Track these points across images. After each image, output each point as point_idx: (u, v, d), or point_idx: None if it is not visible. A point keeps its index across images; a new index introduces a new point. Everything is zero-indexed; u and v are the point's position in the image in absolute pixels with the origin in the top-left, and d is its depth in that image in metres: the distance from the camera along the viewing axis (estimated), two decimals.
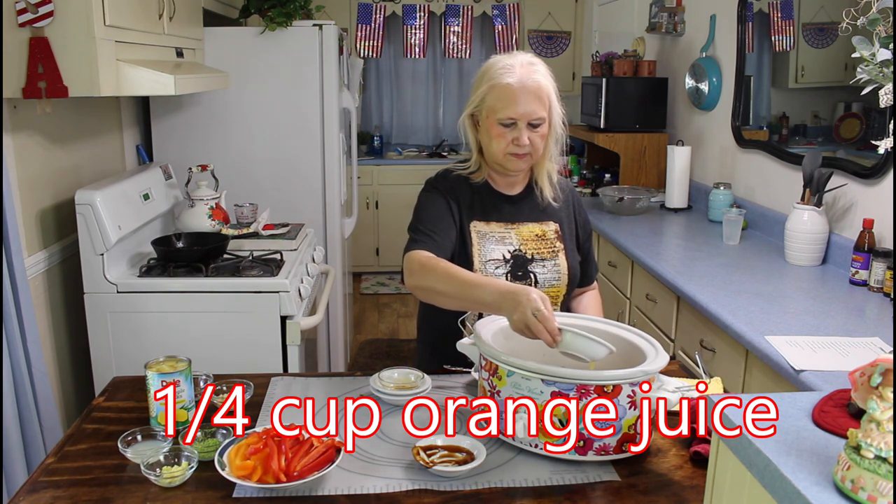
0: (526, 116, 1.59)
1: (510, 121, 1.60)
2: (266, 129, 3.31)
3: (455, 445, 1.32)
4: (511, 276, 1.66)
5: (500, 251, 1.67)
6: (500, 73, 1.61)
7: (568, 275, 1.71)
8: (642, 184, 3.85)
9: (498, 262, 1.66)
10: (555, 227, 1.73)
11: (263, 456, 1.23)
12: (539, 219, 1.72)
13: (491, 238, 1.68)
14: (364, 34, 5.62)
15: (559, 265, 1.69)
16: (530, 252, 1.68)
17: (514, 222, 1.71)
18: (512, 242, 1.68)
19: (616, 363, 1.35)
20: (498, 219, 1.70)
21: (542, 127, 1.61)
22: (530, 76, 1.60)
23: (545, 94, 1.60)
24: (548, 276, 1.68)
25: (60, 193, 2.52)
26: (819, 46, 2.73)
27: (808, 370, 1.66)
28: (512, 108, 1.59)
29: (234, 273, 2.43)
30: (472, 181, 1.72)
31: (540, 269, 1.67)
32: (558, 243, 1.72)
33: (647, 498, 1.21)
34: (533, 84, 1.59)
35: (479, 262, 1.66)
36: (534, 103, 1.59)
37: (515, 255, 1.67)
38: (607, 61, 4.14)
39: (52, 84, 2.04)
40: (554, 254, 1.70)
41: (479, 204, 1.70)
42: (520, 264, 1.66)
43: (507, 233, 1.69)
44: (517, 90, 1.58)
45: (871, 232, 2.27)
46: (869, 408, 0.80)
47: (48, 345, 2.41)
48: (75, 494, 1.22)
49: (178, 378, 1.40)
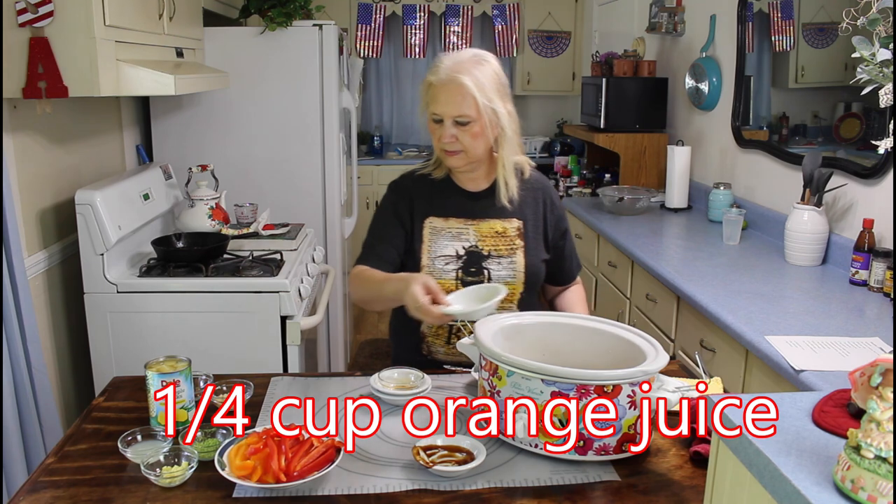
0: (448, 114, 1.60)
1: (437, 117, 1.62)
2: (266, 129, 3.31)
3: (455, 445, 1.32)
4: (463, 272, 1.67)
5: (453, 247, 1.68)
6: (431, 71, 1.64)
7: (525, 273, 1.70)
8: (642, 184, 3.85)
9: (449, 259, 1.67)
10: (518, 224, 1.73)
11: (263, 456, 1.23)
12: (501, 216, 1.72)
13: (446, 234, 1.69)
14: (364, 34, 5.62)
15: (516, 263, 1.70)
16: (487, 249, 1.69)
17: (475, 218, 1.71)
18: (468, 238, 1.69)
19: (616, 363, 1.35)
20: (457, 215, 1.71)
21: (471, 126, 1.60)
22: (455, 75, 1.58)
23: (470, 94, 1.58)
24: (502, 274, 1.68)
25: (60, 193, 2.52)
26: (819, 46, 2.73)
27: (808, 370, 1.66)
28: (434, 105, 1.62)
29: (234, 273, 2.43)
30: (434, 178, 1.74)
31: (495, 265, 1.68)
32: (518, 241, 1.71)
33: (647, 498, 1.21)
34: (456, 83, 1.58)
35: (427, 258, 1.68)
36: (456, 102, 1.58)
37: (470, 252, 1.68)
38: (607, 61, 4.14)
39: (52, 84, 2.04)
40: (512, 251, 1.70)
41: (439, 201, 1.72)
42: (474, 260, 1.68)
43: (466, 229, 1.70)
44: (438, 88, 1.60)
45: (871, 232, 2.27)
46: (869, 408, 0.80)
47: (48, 345, 2.41)
48: (75, 494, 1.22)
49: (178, 378, 1.40)
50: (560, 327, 1.52)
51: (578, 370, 1.26)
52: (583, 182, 4.42)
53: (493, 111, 1.60)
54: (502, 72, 1.66)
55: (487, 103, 1.59)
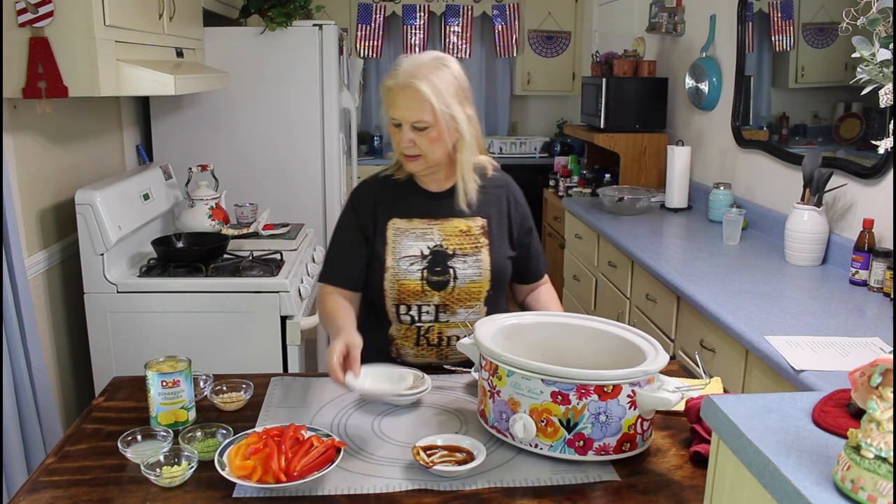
0: (406, 119, 1.59)
1: (396, 122, 1.62)
2: (266, 129, 3.31)
3: (455, 445, 1.32)
4: (429, 271, 1.67)
5: (417, 247, 1.68)
6: (390, 74, 1.63)
7: (491, 270, 1.70)
8: (642, 184, 3.85)
9: (414, 259, 1.67)
10: (482, 222, 1.72)
11: (263, 456, 1.23)
12: (465, 214, 1.72)
13: (410, 235, 1.69)
14: (364, 34, 5.61)
15: (481, 261, 1.69)
16: (452, 248, 1.69)
17: (438, 218, 1.71)
18: (433, 238, 1.69)
19: (616, 363, 1.35)
20: (420, 215, 1.71)
21: (429, 131, 1.59)
22: (412, 80, 1.57)
23: (427, 100, 1.56)
24: (468, 272, 1.68)
25: (60, 193, 2.52)
26: (819, 46, 2.73)
27: (808, 370, 1.66)
28: (392, 110, 1.61)
29: (234, 273, 2.43)
30: (396, 180, 1.74)
31: (460, 264, 1.68)
32: (483, 239, 1.71)
33: (647, 498, 1.21)
34: (413, 88, 1.57)
35: (392, 259, 1.68)
36: (413, 108, 1.57)
37: (435, 251, 1.68)
38: (607, 61, 4.14)
39: (52, 84, 2.04)
40: (477, 249, 1.70)
41: (402, 202, 1.72)
42: (439, 260, 1.67)
43: (430, 229, 1.70)
44: (396, 93, 1.59)
45: (871, 232, 2.26)
46: (869, 408, 0.80)
47: (48, 345, 2.41)
48: (75, 494, 1.22)
49: (178, 378, 1.40)
50: (560, 327, 1.52)
51: (578, 370, 1.26)
52: (583, 182, 4.42)
53: (451, 117, 1.59)
54: (463, 75, 1.64)
55: (445, 109, 1.58)
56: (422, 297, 1.67)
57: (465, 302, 1.68)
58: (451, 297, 1.67)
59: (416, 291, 1.66)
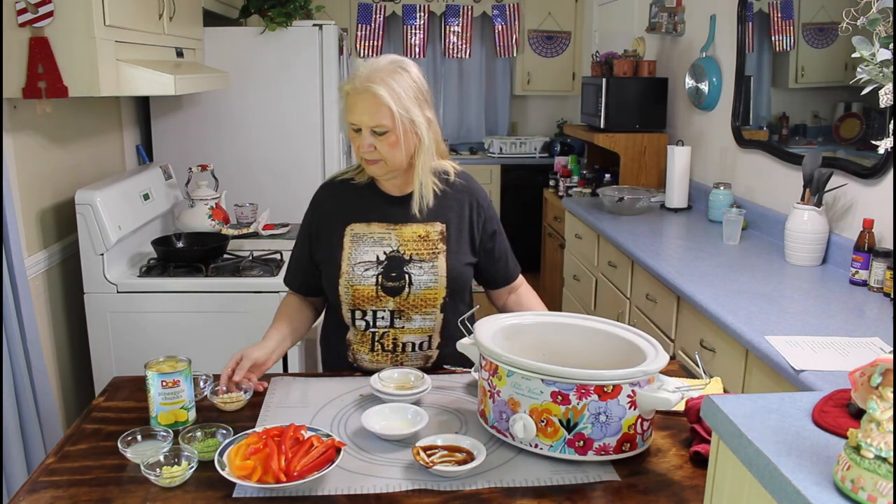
0: (364, 124, 1.58)
1: (355, 127, 1.60)
2: (266, 129, 3.31)
3: (455, 445, 1.32)
4: (384, 277, 1.66)
5: (374, 252, 1.67)
6: (348, 79, 1.62)
7: (447, 277, 1.68)
8: (642, 184, 3.85)
9: (369, 264, 1.66)
10: (441, 228, 1.70)
11: (263, 456, 1.23)
12: (424, 220, 1.70)
13: (368, 240, 1.68)
14: (364, 34, 5.62)
15: (437, 267, 1.67)
16: (409, 253, 1.67)
17: (397, 223, 1.69)
18: (391, 244, 1.67)
19: (616, 363, 1.35)
20: (379, 220, 1.70)
21: (388, 135, 1.58)
22: (370, 85, 1.55)
23: (385, 104, 1.55)
24: (424, 278, 1.66)
25: (60, 193, 2.52)
26: (819, 46, 2.73)
27: (808, 370, 1.66)
28: (351, 114, 1.60)
29: (234, 273, 2.44)
30: (356, 183, 1.74)
31: (416, 270, 1.66)
32: (441, 245, 1.69)
33: (647, 498, 1.21)
34: (370, 93, 1.55)
35: (347, 265, 1.67)
36: (371, 112, 1.56)
37: (391, 256, 1.66)
38: (607, 61, 4.14)
39: (52, 84, 2.04)
40: (434, 255, 1.68)
41: (362, 206, 1.71)
42: (395, 265, 1.66)
43: (388, 234, 1.68)
44: (354, 97, 1.58)
45: (871, 232, 2.26)
46: (869, 408, 0.80)
47: (48, 345, 2.41)
48: (75, 494, 1.22)
49: (178, 378, 1.40)
50: (560, 327, 1.52)
51: (578, 370, 1.26)
52: (583, 182, 4.41)
53: (410, 121, 1.58)
54: (422, 78, 1.63)
55: (404, 113, 1.57)
56: (376, 303, 1.66)
57: (420, 308, 1.67)
58: (406, 304, 1.66)
59: (371, 297, 1.65)
